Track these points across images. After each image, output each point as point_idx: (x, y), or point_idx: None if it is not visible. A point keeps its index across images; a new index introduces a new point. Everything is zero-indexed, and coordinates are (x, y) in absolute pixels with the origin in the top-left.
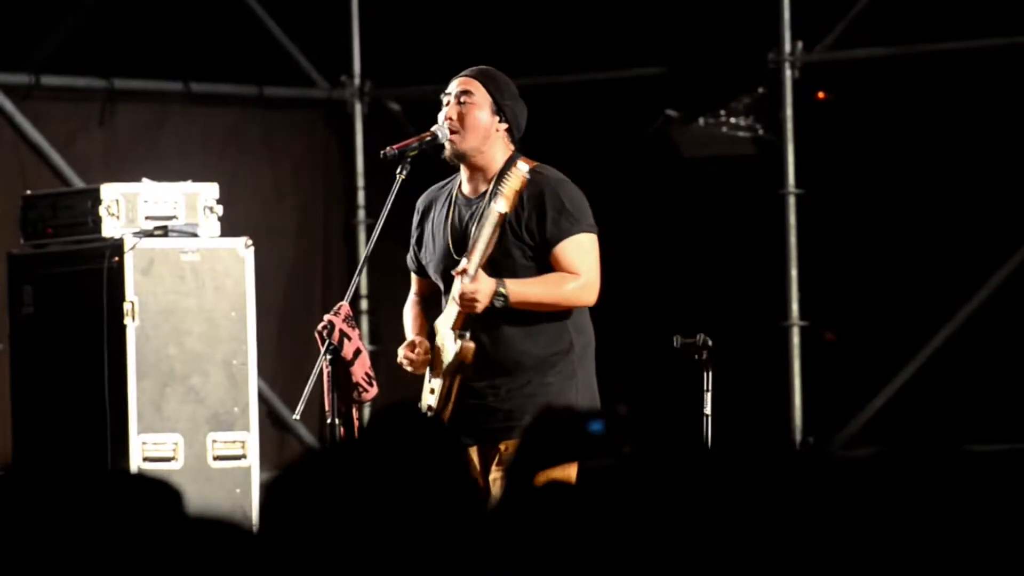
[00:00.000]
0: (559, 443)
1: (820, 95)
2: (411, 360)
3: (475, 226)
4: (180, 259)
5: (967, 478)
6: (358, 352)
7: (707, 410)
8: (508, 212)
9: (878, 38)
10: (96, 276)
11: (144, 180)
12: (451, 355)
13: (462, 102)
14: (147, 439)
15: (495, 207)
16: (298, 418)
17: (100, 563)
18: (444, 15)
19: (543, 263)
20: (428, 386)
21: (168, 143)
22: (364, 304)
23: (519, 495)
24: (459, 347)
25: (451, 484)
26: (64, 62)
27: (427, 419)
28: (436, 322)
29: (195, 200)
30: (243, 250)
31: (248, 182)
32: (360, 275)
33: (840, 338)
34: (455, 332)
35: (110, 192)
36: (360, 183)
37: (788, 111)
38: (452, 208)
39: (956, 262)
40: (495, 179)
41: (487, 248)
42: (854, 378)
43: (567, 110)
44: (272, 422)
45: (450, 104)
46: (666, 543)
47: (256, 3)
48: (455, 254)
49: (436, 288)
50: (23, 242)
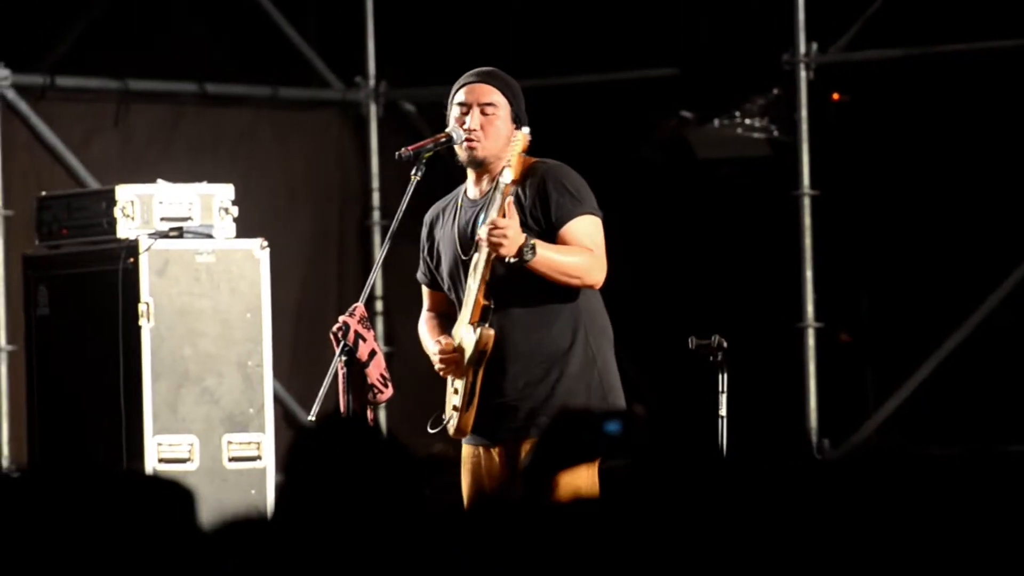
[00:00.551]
0: (576, 445)
1: (835, 96)
2: (445, 353)
3: (483, 221)
4: (195, 260)
5: (992, 478)
6: (373, 353)
7: (722, 412)
8: (516, 179)
9: (893, 39)
10: (111, 277)
11: (159, 181)
12: (471, 347)
13: (486, 113)
14: (162, 440)
15: (501, 179)
16: (313, 419)
17: (111, 563)
18: (458, 16)
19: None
20: (451, 387)
21: (183, 144)
22: (379, 305)
23: (537, 497)
24: (479, 335)
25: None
26: (79, 63)
27: (362, 429)
28: (454, 330)
29: (210, 201)
30: (258, 251)
31: (263, 183)
32: (375, 276)
33: (855, 339)
34: (473, 325)
35: (125, 193)
36: (375, 184)
37: (803, 112)
38: (459, 213)
39: (971, 263)
40: (498, 176)
41: (500, 209)
42: (869, 379)
43: (581, 111)
44: (287, 423)
45: (471, 114)
46: (681, 545)
47: (271, 4)
48: (463, 255)
49: (450, 302)
50: (38, 243)
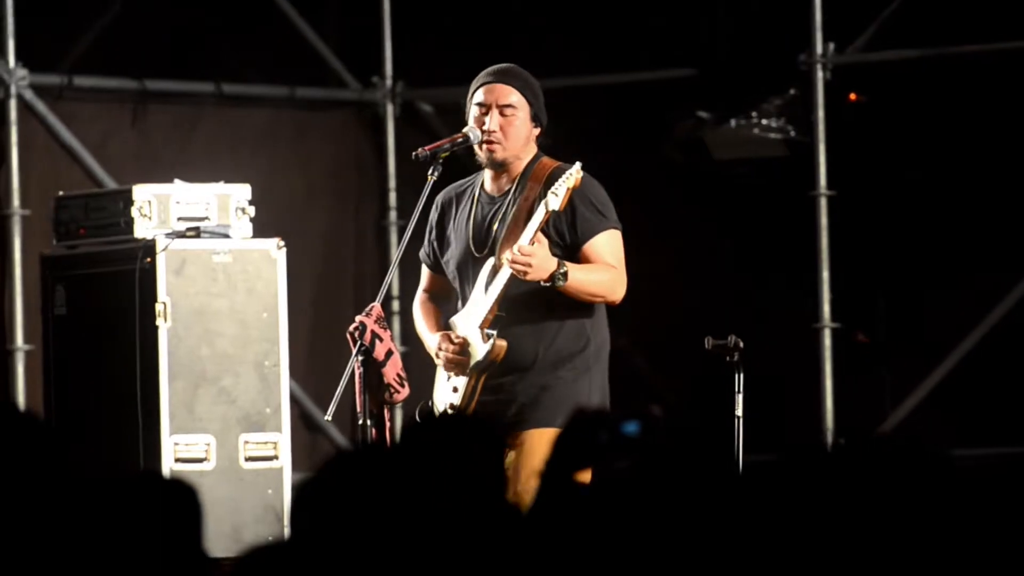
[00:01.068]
0: (592, 444)
1: (852, 97)
2: (453, 352)
3: (500, 227)
4: (212, 260)
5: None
6: (390, 353)
7: (738, 412)
8: (560, 210)
9: (909, 40)
10: (128, 277)
11: (176, 181)
12: (481, 354)
13: (505, 114)
14: (179, 440)
15: (545, 206)
16: (330, 419)
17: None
18: (475, 16)
19: (569, 260)
20: (448, 384)
21: (200, 144)
22: (396, 305)
23: (554, 496)
24: (491, 346)
25: (486, 484)
26: (96, 63)
27: (463, 421)
28: (452, 319)
29: (227, 201)
30: (275, 251)
31: (280, 183)
32: (392, 276)
33: (872, 340)
34: (483, 331)
35: (142, 193)
36: (391, 184)
37: (820, 113)
38: (475, 206)
39: (988, 262)
40: (520, 177)
41: (535, 234)
42: (886, 380)
43: (598, 112)
44: (304, 423)
45: (490, 115)
46: (690, 543)
47: (288, 4)
48: (475, 252)
49: (447, 285)
50: (56, 243)
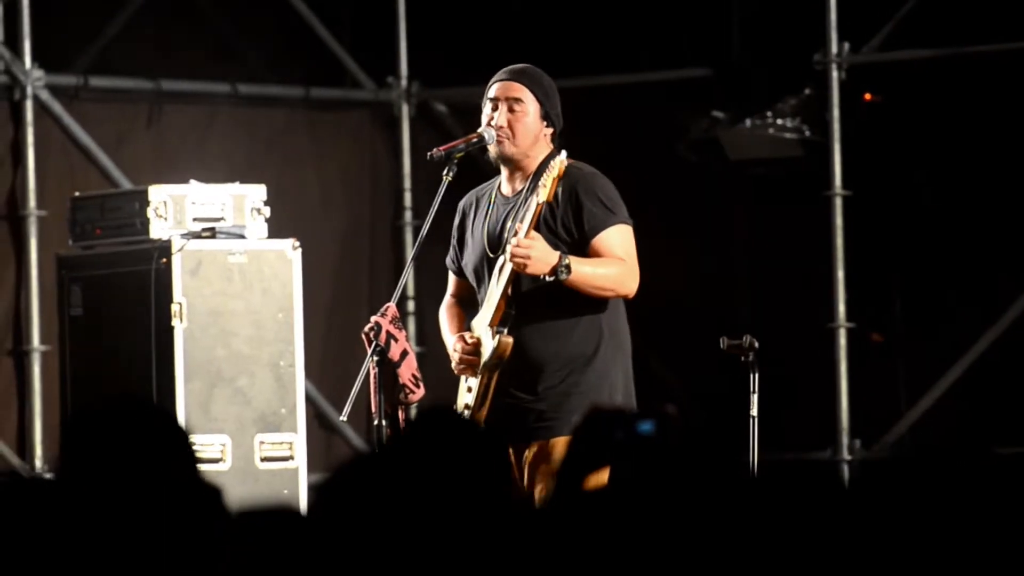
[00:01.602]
0: (608, 443)
1: (867, 96)
2: (465, 352)
3: (511, 226)
4: (228, 260)
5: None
6: (405, 353)
7: (753, 411)
8: (548, 200)
9: (925, 39)
10: (144, 277)
11: (192, 182)
12: (489, 351)
13: (513, 110)
14: (195, 440)
15: (534, 198)
16: (345, 419)
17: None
18: (490, 16)
19: (578, 255)
20: (464, 385)
21: (215, 145)
22: (411, 305)
23: (568, 497)
24: (497, 342)
25: (494, 486)
26: (112, 64)
27: (468, 422)
28: (472, 322)
29: (242, 202)
30: (290, 252)
31: (295, 184)
32: (407, 276)
33: (887, 339)
34: (492, 328)
35: (158, 193)
36: (407, 184)
37: (835, 112)
38: (491, 208)
39: (1003, 262)
40: (533, 176)
41: (529, 226)
42: (901, 379)
43: (613, 112)
44: (319, 423)
45: (499, 110)
46: (705, 546)
47: (303, 5)
48: (490, 252)
49: (472, 290)
50: (72, 243)
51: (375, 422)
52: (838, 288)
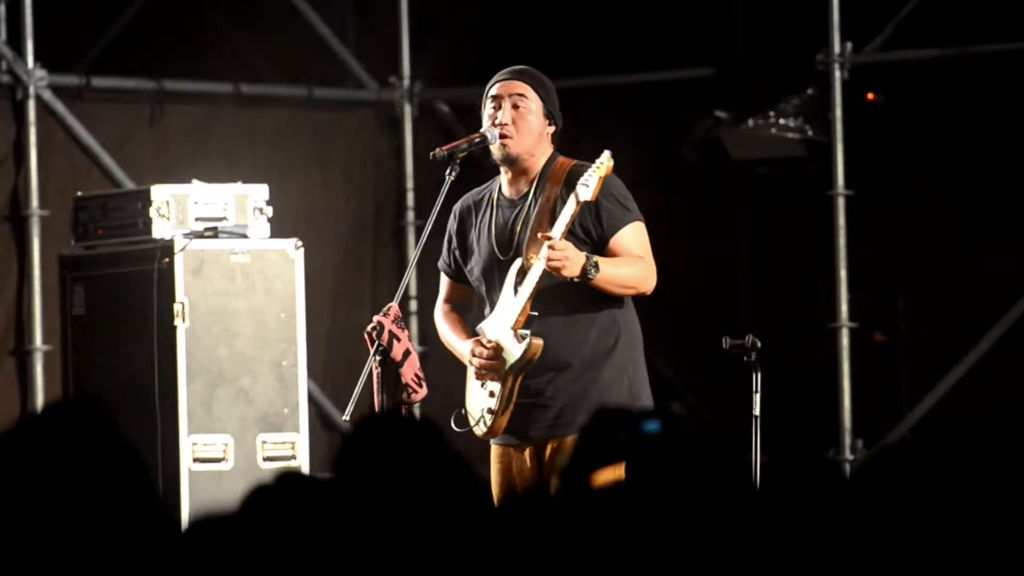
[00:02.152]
0: (614, 442)
1: (869, 96)
2: (486, 358)
3: (524, 228)
4: (230, 260)
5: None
6: (407, 353)
7: (756, 411)
8: (593, 200)
9: (927, 39)
10: (146, 277)
11: (194, 181)
12: (517, 354)
13: (517, 106)
14: (197, 440)
15: (580, 195)
16: (348, 419)
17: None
18: (492, 16)
19: (597, 254)
20: (483, 389)
21: (218, 144)
22: (413, 305)
23: (574, 495)
24: (528, 345)
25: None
26: (114, 63)
27: (409, 423)
28: (480, 325)
29: (245, 201)
30: (293, 251)
31: (297, 183)
32: (409, 276)
33: (889, 339)
34: (516, 332)
35: (160, 193)
36: (409, 184)
37: (837, 112)
38: (495, 211)
39: (1006, 262)
40: (538, 178)
41: (567, 227)
42: (903, 380)
43: (616, 111)
44: (322, 423)
45: (502, 108)
46: (706, 542)
47: (306, 5)
48: (500, 256)
49: (468, 294)
50: (74, 243)
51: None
52: (841, 288)
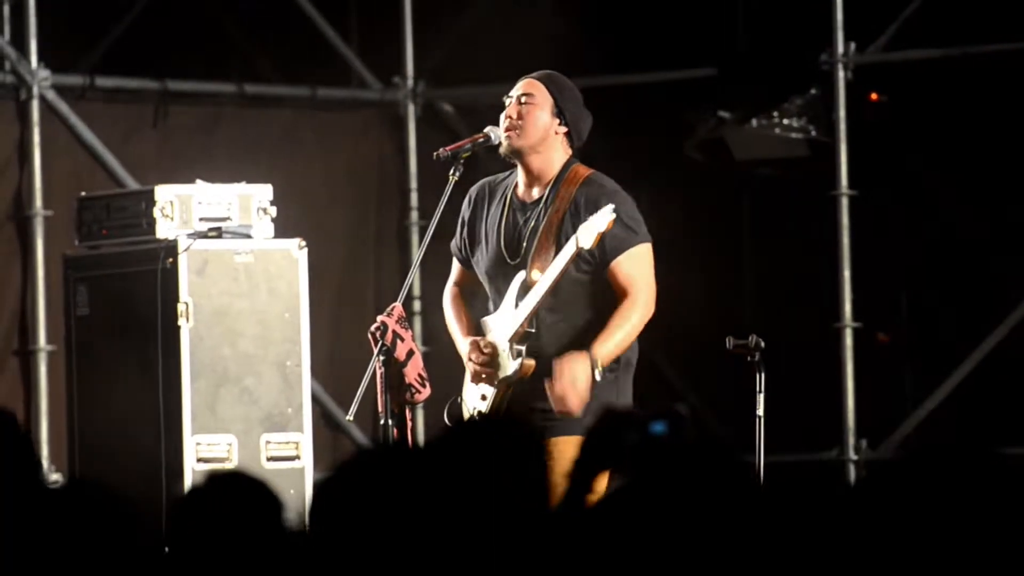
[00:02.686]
0: (620, 444)
1: (873, 96)
2: (482, 363)
3: (532, 235)
4: (234, 260)
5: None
6: (411, 353)
7: (759, 412)
8: (592, 248)
9: (931, 39)
10: (150, 277)
11: (198, 181)
12: (509, 370)
13: (523, 102)
14: (201, 440)
15: (575, 241)
16: (351, 419)
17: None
18: (495, 16)
19: (597, 276)
20: (477, 391)
21: (221, 144)
22: (417, 305)
23: (580, 497)
24: (519, 365)
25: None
26: (118, 63)
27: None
28: (485, 319)
29: (249, 201)
30: (296, 251)
31: (301, 183)
32: (413, 276)
33: (893, 339)
34: (512, 346)
35: (164, 193)
36: (413, 185)
37: (841, 112)
38: (507, 210)
39: (1009, 262)
40: (552, 184)
41: (557, 279)
42: (907, 379)
43: (620, 111)
44: (326, 423)
45: (511, 104)
46: (711, 543)
47: (309, 5)
48: (509, 259)
49: (477, 280)
50: (78, 243)
51: (381, 422)
52: (844, 288)
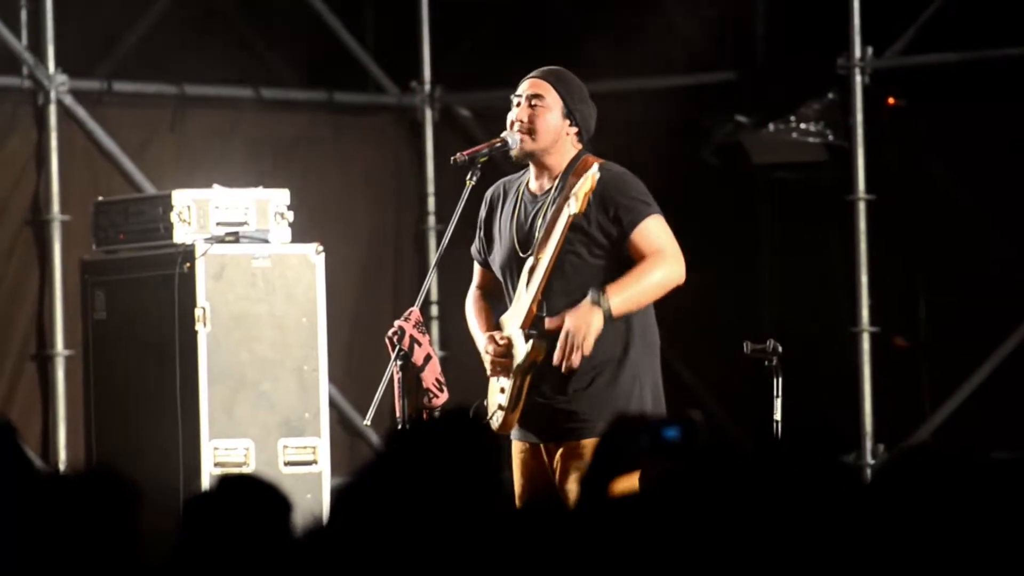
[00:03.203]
0: (633, 449)
1: (890, 100)
2: (497, 354)
3: (541, 225)
4: (251, 265)
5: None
6: (428, 358)
7: (777, 416)
8: (579, 213)
9: (948, 43)
10: (168, 282)
11: (215, 186)
12: (522, 355)
13: (533, 105)
14: (219, 444)
15: (567, 209)
16: (369, 424)
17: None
18: (513, 20)
19: (612, 260)
20: (496, 385)
21: (239, 149)
22: (435, 310)
23: (594, 501)
24: (530, 346)
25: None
26: (135, 68)
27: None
28: (502, 318)
29: (266, 206)
30: (314, 256)
31: (318, 188)
32: (430, 281)
33: (910, 344)
34: (524, 331)
35: (182, 198)
36: (430, 189)
37: (858, 116)
38: (519, 205)
39: None
40: (561, 176)
41: (556, 251)
42: (924, 384)
43: (637, 115)
44: (343, 428)
45: (520, 106)
46: (727, 547)
47: (327, 9)
48: (520, 252)
49: (496, 281)
50: (95, 248)
51: (398, 426)
52: (862, 292)
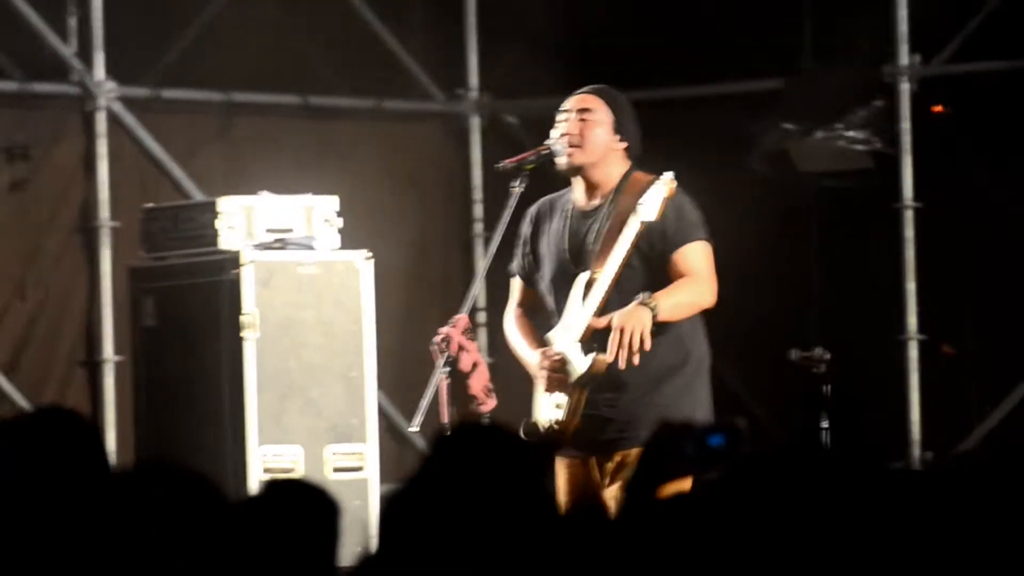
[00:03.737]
0: (678, 457)
1: (937, 108)
2: (553, 371)
3: (595, 240)
4: (299, 271)
5: None
6: (475, 364)
7: (824, 424)
8: (657, 219)
9: (995, 51)
10: (216, 288)
11: (263, 193)
12: (580, 369)
13: (583, 119)
14: (267, 451)
15: (636, 216)
16: (416, 430)
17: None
18: (560, 28)
19: (652, 269)
20: (550, 400)
21: (287, 156)
22: (482, 316)
23: (639, 509)
24: (592, 361)
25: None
26: (184, 75)
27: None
28: (549, 334)
29: (313, 213)
30: (361, 262)
31: (365, 195)
32: (478, 287)
33: (958, 351)
34: (583, 345)
35: (229, 205)
36: (477, 196)
37: (905, 124)
38: (568, 221)
39: None
40: (613, 192)
41: (623, 262)
42: (972, 392)
43: (684, 123)
44: (391, 434)
45: (570, 120)
46: (775, 553)
47: (374, 16)
48: (573, 266)
49: (539, 298)
50: (144, 254)
51: (445, 433)
52: (909, 300)
